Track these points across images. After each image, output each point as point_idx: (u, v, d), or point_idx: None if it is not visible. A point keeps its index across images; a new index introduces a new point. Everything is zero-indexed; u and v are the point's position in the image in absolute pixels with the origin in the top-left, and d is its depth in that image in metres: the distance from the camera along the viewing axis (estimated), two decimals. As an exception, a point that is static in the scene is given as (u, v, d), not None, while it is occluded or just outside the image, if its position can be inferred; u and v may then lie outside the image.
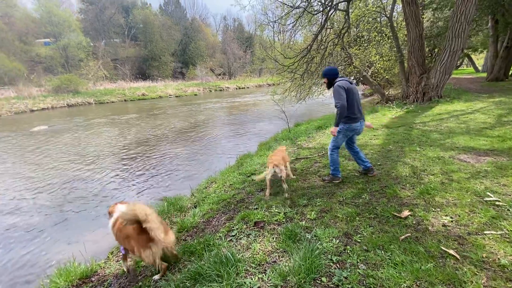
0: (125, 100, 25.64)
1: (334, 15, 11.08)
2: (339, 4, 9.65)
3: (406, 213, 2.73)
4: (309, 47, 9.07)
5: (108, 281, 2.73)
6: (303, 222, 2.81)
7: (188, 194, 4.99)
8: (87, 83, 27.70)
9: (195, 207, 3.93)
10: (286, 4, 9.18)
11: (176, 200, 4.19)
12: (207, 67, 41.98)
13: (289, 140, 6.53)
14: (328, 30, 10.10)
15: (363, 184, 3.59)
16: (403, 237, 2.36)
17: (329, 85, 3.57)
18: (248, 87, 39.09)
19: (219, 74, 47.27)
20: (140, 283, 2.46)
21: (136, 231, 2.15)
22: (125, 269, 2.66)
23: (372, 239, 2.37)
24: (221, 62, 48.25)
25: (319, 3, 9.68)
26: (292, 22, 10.36)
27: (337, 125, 3.39)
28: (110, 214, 2.51)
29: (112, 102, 24.80)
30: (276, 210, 3.13)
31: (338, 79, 3.46)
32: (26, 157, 8.59)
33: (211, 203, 3.77)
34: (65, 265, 3.17)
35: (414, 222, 2.58)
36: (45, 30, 31.36)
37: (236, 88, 37.74)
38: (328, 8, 8.88)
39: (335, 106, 3.34)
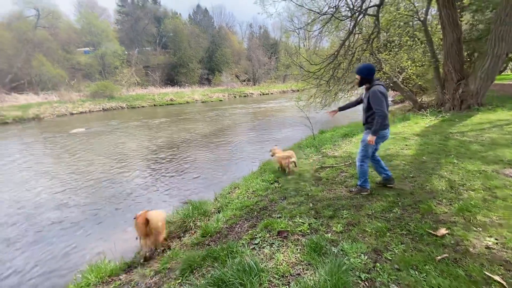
0: (154, 105, 26.91)
1: (362, 20, 10.80)
2: (369, 9, 9.41)
3: (443, 231, 2.52)
4: (336, 53, 8.90)
5: (135, 281, 2.81)
6: (329, 235, 2.71)
7: (211, 198, 5.07)
8: (120, 88, 29.52)
9: (219, 212, 3.97)
10: (313, 11, 9.12)
11: (200, 204, 4.26)
12: (232, 73, 42.89)
13: (313, 147, 6.41)
14: (356, 35, 9.85)
15: (393, 197, 3.40)
16: (439, 257, 2.18)
17: (361, 83, 3.35)
18: (272, 93, 39.21)
19: (244, 80, 48.02)
20: (165, 285, 2.51)
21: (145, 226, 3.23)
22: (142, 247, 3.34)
23: (405, 258, 2.21)
24: (246, 68, 49.02)
25: (347, 9, 9.51)
26: (319, 28, 10.27)
27: (375, 133, 3.20)
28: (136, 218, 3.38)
29: (143, 107, 26.15)
30: (300, 220, 3.06)
31: (376, 82, 3.27)
32: (65, 157, 9.31)
33: (234, 209, 3.79)
34: (96, 262, 3.35)
35: (452, 242, 2.38)
36: (85, 40, 34.14)
37: (260, 94, 38.02)
38: (357, 13, 8.68)
39: (375, 113, 3.17)
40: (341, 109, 3.89)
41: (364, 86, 3.40)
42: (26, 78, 27.37)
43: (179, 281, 2.46)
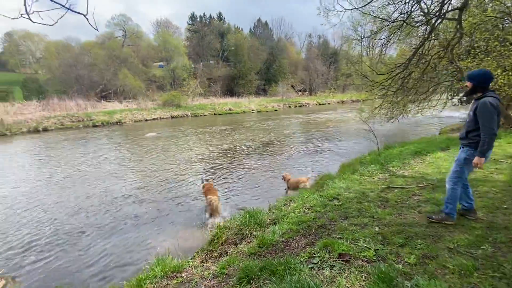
0: (214, 114, 28.86)
1: (440, 25, 9.63)
2: (448, 13, 8.34)
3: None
4: (407, 62, 8.12)
5: (195, 281, 2.96)
6: (400, 266, 2.41)
7: (265, 207, 5.10)
8: (186, 98, 32.62)
9: (274, 224, 3.94)
10: (380, 18, 8.56)
11: (256, 213, 4.30)
12: (289, 83, 43.15)
13: (378, 164, 5.87)
14: (432, 41, 8.83)
15: (482, 230, 2.86)
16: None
17: (472, 92, 2.84)
18: (329, 103, 37.96)
19: (300, 90, 47.76)
20: None
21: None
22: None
23: (502, 309, 1.81)
24: (303, 78, 48.73)
25: (421, 14, 8.61)
26: (386, 36, 9.54)
27: (483, 155, 2.72)
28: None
29: (204, 115, 28.30)
30: (365, 245, 2.80)
31: (489, 93, 2.73)
32: (139, 157, 10.65)
33: (291, 223, 3.71)
34: (162, 256, 3.68)
35: None
36: (160, 55, 39.09)
37: (317, 104, 37.19)
38: (435, 18, 7.80)
39: (482, 130, 2.67)
40: None
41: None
42: (113, 88, 32.61)
43: (237, 288, 2.50)
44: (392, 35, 9.26)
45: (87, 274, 3.93)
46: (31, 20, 2.48)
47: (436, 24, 8.33)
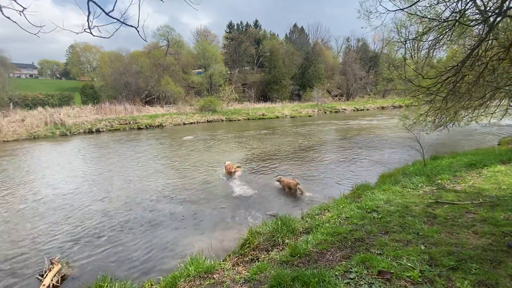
0: (248, 119, 29.31)
1: (500, 24, 8.60)
2: (510, 9, 7.41)
3: None
4: (460, 64, 7.36)
5: (226, 283, 2.99)
6: (451, 291, 2.15)
7: (296, 214, 4.98)
8: (222, 103, 33.72)
9: (308, 233, 3.83)
10: (429, 18, 7.92)
11: (288, 221, 4.22)
12: (324, 88, 42.04)
13: (424, 176, 5.38)
14: (490, 41, 7.90)
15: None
16: None
17: None
18: (367, 109, 36.11)
19: (336, 95, 46.28)
20: None
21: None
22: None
23: None
24: (339, 83, 47.18)
25: (477, 12, 7.78)
26: (435, 37, 8.78)
27: None
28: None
29: (238, 120, 28.90)
30: (409, 264, 2.57)
31: None
32: (178, 158, 11.23)
33: (325, 233, 3.56)
34: (196, 256, 3.79)
35: None
36: (199, 63, 41.11)
37: (354, 110, 35.63)
38: (494, 16, 6.98)
39: None
40: None
41: None
42: (156, 94, 35.08)
43: (268, 297, 2.46)
44: (441, 36, 8.51)
45: (128, 266, 4.21)
46: (92, 34, 2.79)
47: (495, 22, 7.46)
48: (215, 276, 3.29)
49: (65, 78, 65.12)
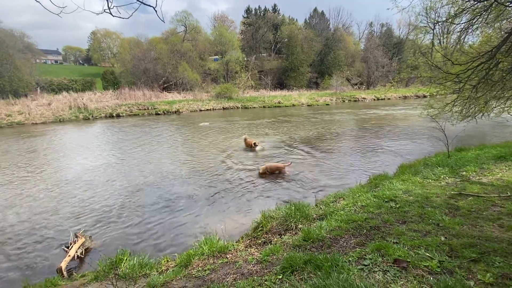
0: (263, 107, 29.09)
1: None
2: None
3: None
4: (494, 49, 6.79)
5: (239, 263, 3.05)
6: (471, 283, 2.07)
7: (310, 202, 4.95)
8: (238, 91, 33.58)
9: (321, 219, 3.80)
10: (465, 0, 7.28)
11: (302, 206, 4.20)
12: (343, 76, 40.59)
13: (447, 167, 5.12)
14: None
15: None
16: None
17: None
18: (388, 99, 34.69)
19: (356, 84, 44.65)
20: (265, 276, 2.59)
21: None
22: None
23: None
24: (360, 71, 45.35)
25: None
26: (468, 20, 8.11)
27: None
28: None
29: (254, 107, 28.76)
30: (427, 254, 2.48)
31: None
32: (195, 143, 11.42)
33: (340, 220, 3.52)
34: (210, 236, 3.89)
35: None
36: (216, 49, 40.78)
37: (374, 99, 34.35)
38: (539, -6, 6.29)
39: None
40: None
41: None
42: (173, 80, 35.44)
43: (280, 277, 2.48)
44: (475, 19, 7.83)
45: (145, 243, 4.41)
46: (112, 14, 2.80)
47: (540, 2, 6.74)
48: (228, 256, 3.37)
49: (87, 64, 67.26)
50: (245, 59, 41.80)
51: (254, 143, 9.53)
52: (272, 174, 7.23)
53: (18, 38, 31.99)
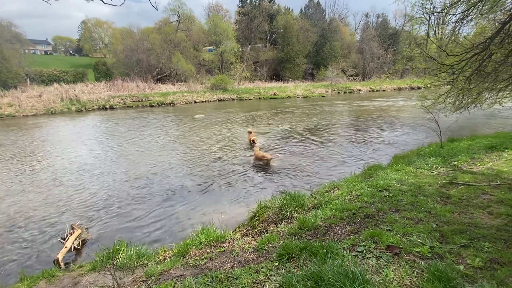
0: (259, 98, 28.94)
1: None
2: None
3: None
4: (488, 41, 6.83)
5: (236, 252, 3.10)
6: (461, 267, 2.15)
7: (305, 192, 5.01)
8: (233, 82, 33.22)
9: (317, 208, 3.86)
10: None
11: (297, 196, 4.26)
12: (339, 68, 40.46)
13: (439, 157, 5.23)
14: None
15: None
16: None
17: None
18: (383, 90, 34.82)
19: (351, 75, 44.62)
20: (262, 264, 2.65)
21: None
22: None
23: None
24: (355, 62, 45.25)
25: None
26: (463, 11, 8.11)
27: None
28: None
29: (249, 99, 28.59)
30: (418, 240, 2.56)
31: None
32: (190, 134, 11.37)
33: (334, 209, 3.58)
34: (207, 226, 3.93)
35: None
36: (210, 40, 40.04)
37: (369, 91, 34.47)
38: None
39: None
40: None
41: None
42: (167, 71, 34.80)
43: (276, 264, 2.54)
44: (470, 10, 7.84)
45: (142, 233, 4.43)
46: (103, 1, 2.72)
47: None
48: (225, 245, 3.43)
49: (78, 55, 65.59)
50: (240, 49, 41.23)
51: (253, 140, 9.27)
52: (260, 161, 7.23)
53: (6, 27, 30.91)
